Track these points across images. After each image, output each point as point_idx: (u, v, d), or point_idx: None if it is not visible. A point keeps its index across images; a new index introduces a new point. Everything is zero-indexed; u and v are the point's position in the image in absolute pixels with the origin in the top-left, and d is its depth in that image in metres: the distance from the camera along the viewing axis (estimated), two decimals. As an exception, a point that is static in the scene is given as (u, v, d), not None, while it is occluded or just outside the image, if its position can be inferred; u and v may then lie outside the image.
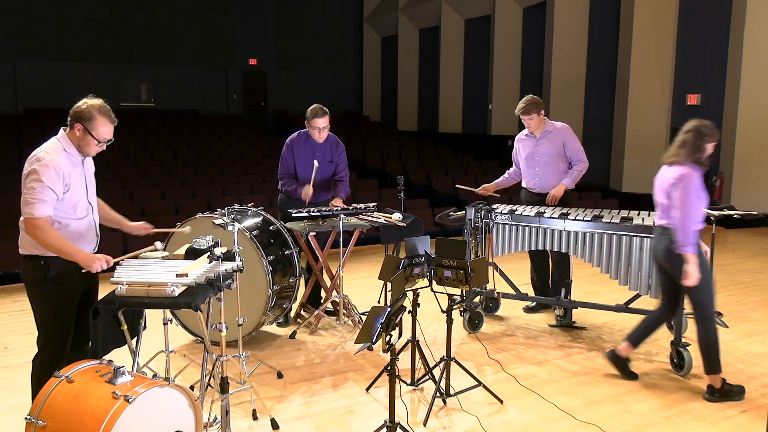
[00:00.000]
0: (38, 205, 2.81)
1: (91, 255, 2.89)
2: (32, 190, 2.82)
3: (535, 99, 5.01)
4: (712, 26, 10.18)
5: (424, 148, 14.43)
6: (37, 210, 2.81)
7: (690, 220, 3.55)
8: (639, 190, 11.21)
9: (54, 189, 2.85)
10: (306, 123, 4.93)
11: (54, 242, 2.82)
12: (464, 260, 3.48)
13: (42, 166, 2.83)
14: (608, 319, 5.16)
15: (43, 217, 2.82)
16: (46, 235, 2.81)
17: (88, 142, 2.96)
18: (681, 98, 10.78)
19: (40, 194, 2.81)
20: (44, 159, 2.86)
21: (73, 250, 2.86)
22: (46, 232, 2.82)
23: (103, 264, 2.88)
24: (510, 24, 14.20)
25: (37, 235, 2.82)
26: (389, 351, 2.89)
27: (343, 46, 19.24)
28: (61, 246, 2.83)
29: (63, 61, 15.31)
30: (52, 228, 2.85)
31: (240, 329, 3.70)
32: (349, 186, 5.10)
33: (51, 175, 2.83)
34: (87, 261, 2.84)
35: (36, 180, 2.82)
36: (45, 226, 2.83)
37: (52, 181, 2.84)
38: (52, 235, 2.83)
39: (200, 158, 11.67)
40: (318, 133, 4.88)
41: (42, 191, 2.82)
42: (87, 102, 2.97)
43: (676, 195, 3.61)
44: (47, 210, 2.84)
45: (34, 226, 2.82)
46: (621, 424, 3.43)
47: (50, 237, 2.82)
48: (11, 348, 4.59)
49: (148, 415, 2.47)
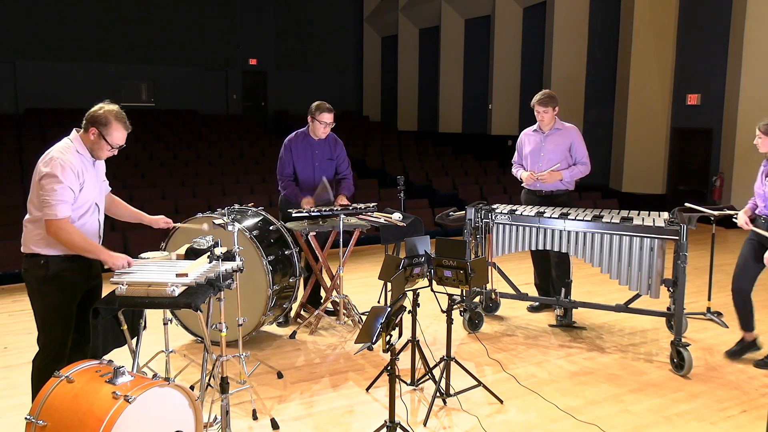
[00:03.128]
0: (60, 206, 2.83)
1: (115, 254, 2.94)
2: (53, 191, 2.82)
3: (553, 93, 5.07)
4: (712, 26, 10.18)
5: (424, 148, 14.42)
6: (60, 211, 2.83)
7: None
8: (639, 190, 11.22)
9: (73, 189, 2.88)
10: (310, 118, 4.91)
11: (79, 242, 2.85)
12: (464, 260, 3.48)
13: (60, 167, 2.85)
14: (608, 319, 5.16)
15: (65, 217, 2.84)
16: (70, 235, 2.84)
17: (101, 146, 2.99)
18: (681, 98, 10.78)
19: (60, 195, 2.83)
20: (60, 159, 2.87)
21: (97, 249, 2.91)
22: (70, 232, 2.84)
23: (125, 263, 2.93)
24: (510, 24, 14.20)
25: (61, 236, 2.84)
26: (389, 351, 2.89)
27: (343, 46, 19.24)
28: (86, 245, 2.87)
29: (63, 61, 15.31)
30: (75, 228, 2.88)
31: (240, 329, 3.70)
32: (352, 183, 5.10)
33: (69, 175, 2.86)
34: (112, 259, 2.91)
35: (56, 181, 2.83)
36: (68, 226, 2.85)
37: (71, 181, 2.86)
38: (76, 235, 2.86)
39: (200, 158, 11.67)
40: (323, 129, 4.87)
41: (62, 192, 2.83)
42: (104, 107, 3.00)
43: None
44: (68, 210, 2.86)
45: (58, 228, 2.83)
46: (621, 424, 3.43)
47: (75, 236, 2.85)
48: (11, 348, 4.59)
49: (148, 415, 2.47)
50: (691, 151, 10.81)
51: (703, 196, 10.42)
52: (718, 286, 6.12)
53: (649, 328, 4.99)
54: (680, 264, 4.06)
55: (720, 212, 5.18)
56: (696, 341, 4.68)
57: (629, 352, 4.47)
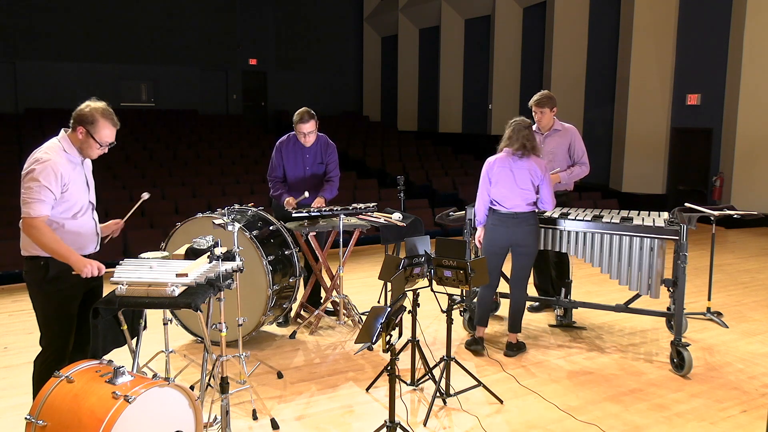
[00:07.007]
0: (35, 205, 2.82)
1: (84, 259, 2.88)
2: (30, 190, 2.83)
3: (551, 94, 5.05)
4: (712, 26, 10.18)
5: (424, 148, 14.42)
6: (34, 209, 2.82)
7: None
8: (639, 190, 11.22)
9: (51, 189, 2.85)
10: (294, 127, 4.93)
11: (49, 242, 2.82)
12: (464, 260, 3.48)
13: (40, 167, 2.84)
14: (608, 319, 5.16)
15: (40, 216, 2.83)
16: (42, 235, 2.82)
17: (90, 145, 2.97)
18: (681, 98, 10.78)
19: (37, 194, 2.82)
20: (42, 159, 2.86)
21: (67, 252, 2.86)
22: (42, 232, 2.82)
23: (95, 270, 2.87)
24: (510, 24, 14.20)
25: (33, 235, 2.83)
26: (389, 351, 2.89)
27: (343, 46, 19.24)
28: (55, 247, 2.84)
29: (63, 61, 15.31)
30: (48, 228, 2.85)
31: (240, 329, 3.70)
32: (337, 187, 5.06)
33: (48, 176, 2.84)
34: (79, 264, 2.85)
35: (33, 180, 2.83)
36: (41, 225, 2.83)
37: (49, 181, 2.84)
38: (48, 236, 2.83)
39: (200, 158, 11.68)
40: (304, 138, 4.87)
41: (39, 191, 2.82)
42: (90, 105, 2.97)
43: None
44: (44, 210, 2.84)
45: (31, 226, 2.82)
46: (621, 424, 3.43)
47: (45, 237, 2.82)
48: (11, 348, 4.59)
49: (148, 415, 2.47)
50: (691, 151, 10.81)
51: (703, 196, 10.42)
52: (718, 286, 6.14)
53: (649, 328, 4.99)
54: (680, 264, 4.06)
55: (720, 212, 5.18)
56: (696, 341, 4.68)
57: (629, 352, 4.47)
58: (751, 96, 9.62)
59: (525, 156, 4.16)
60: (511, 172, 4.17)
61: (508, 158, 4.20)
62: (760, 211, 8.11)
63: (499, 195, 4.21)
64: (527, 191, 4.18)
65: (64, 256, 2.84)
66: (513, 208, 4.19)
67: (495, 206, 4.26)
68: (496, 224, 4.25)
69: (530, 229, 4.24)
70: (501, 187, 4.19)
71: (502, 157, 4.23)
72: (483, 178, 4.28)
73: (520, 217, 4.21)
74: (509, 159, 4.19)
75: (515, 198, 4.18)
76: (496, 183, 4.21)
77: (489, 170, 4.25)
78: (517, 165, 4.17)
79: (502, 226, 4.23)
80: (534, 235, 4.27)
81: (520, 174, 4.16)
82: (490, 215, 4.29)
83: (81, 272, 2.84)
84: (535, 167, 4.17)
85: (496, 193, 4.22)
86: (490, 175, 4.24)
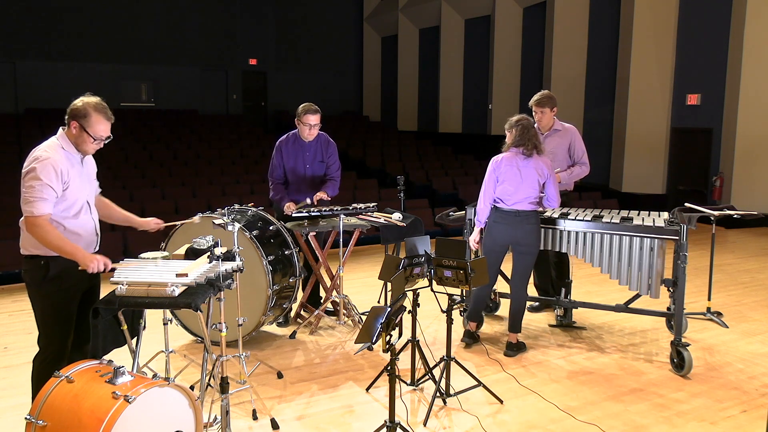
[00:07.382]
0: (38, 203, 2.82)
1: (90, 255, 2.88)
2: (32, 189, 2.82)
3: (552, 94, 5.05)
4: (712, 26, 10.18)
5: (424, 148, 14.42)
6: (37, 208, 2.82)
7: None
8: (639, 190, 11.22)
9: (53, 187, 2.85)
10: (297, 120, 4.91)
11: (54, 240, 2.82)
12: (464, 260, 3.48)
13: (41, 165, 2.84)
14: (608, 319, 5.16)
15: (43, 215, 2.83)
16: (46, 233, 2.81)
17: (84, 139, 2.96)
18: (681, 98, 10.79)
19: (39, 192, 2.82)
20: (42, 157, 2.86)
21: (73, 248, 2.85)
22: (46, 231, 2.82)
23: (101, 265, 2.86)
24: (510, 24, 14.20)
25: (37, 233, 2.82)
26: (389, 351, 2.89)
27: (343, 46, 19.24)
28: (60, 244, 2.83)
29: (63, 61, 15.30)
30: (52, 226, 2.85)
31: (240, 329, 3.70)
32: (338, 186, 5.06)
33: (49, 173, 2.84)
34: (86, 260, 2.83)
35: (35, 178, 2.82)
36: (45, 224, 2.83)
37: (51, 179, 2.84)
38: (52, 234, 2.83)
39: (200, 158, 11.68)
40: (308, 130, 4.86)
41: (42, 189, 2.82)
42: (83, 99, 2.97)
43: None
44: (47, 208, 2.84)
45: (34, 224, 2.82)
46: (621, 424, 3.43)
47: (50, 235, 2.82)
48: (11, 348, 4.59)
49: (148, 415, 2.47)
50: (691, 151, 10.81)
51: (703, 196, 10.42)
52: (718, 286, 6.13)
53: (649, 328, 4.98)
54: (680, 264, 4.06)
55: (720, 212, 5.18)
56: (696, 341, 4.68)
57: (629, 352, 4.47)
58: (751, 96, 9.62)
59: (532, 155, 4.19)
60: (518, 170, 4.19)
61: (515, 157, 4.22)
62: (760, 211, 8.11)
63: (504, 192, 4.23)
64: (532, 189, 4.20)
65: (71, 253, 2.84)
66: (515, 205, 4.20)
67: (498, 203, 4.27)
68: (498, 221, 4.26)
69: (532, 228, 4.25)
70: (507, 184, 4.21)
71: (509, 156, 4.24)
72: (489, 177, 4.29)
73: (522, 215, 4.21)
74: (516, 158, 4.22)
75: (519, 195, 4.20)
76: (502, 181, 4.23)
77: (496, 168, 4.26)
78: (524, 164, 4.19)
79: (503, 223, 4.24)
80: (535, 234, 4.28)
81: (527, 172, 4.18)
82: (493, 212, 4.30)
83: (88, 268, 2.83)
84: (542, 165, 4.21)
85: (501, 190, 4.24)
86: (497, 173, 4.25)
